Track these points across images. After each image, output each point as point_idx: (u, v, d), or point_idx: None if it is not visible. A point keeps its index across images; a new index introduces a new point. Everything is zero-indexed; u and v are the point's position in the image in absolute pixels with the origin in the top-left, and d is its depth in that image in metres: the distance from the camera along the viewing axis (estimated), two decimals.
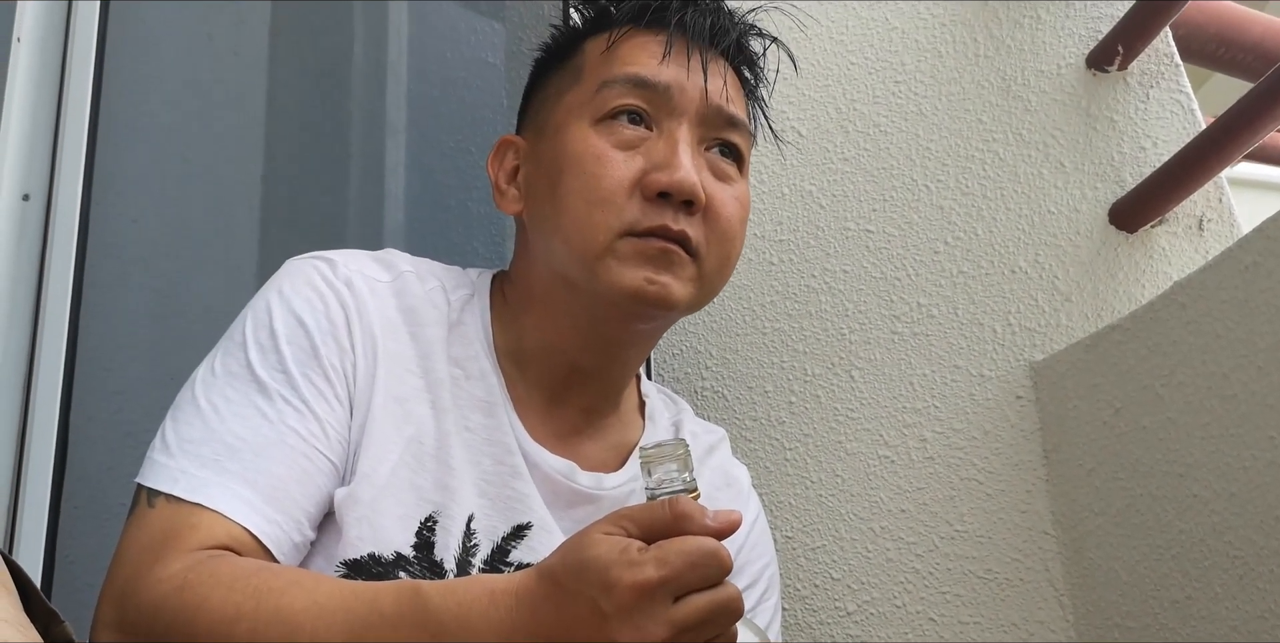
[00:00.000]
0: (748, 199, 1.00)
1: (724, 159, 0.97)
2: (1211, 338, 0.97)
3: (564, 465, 0.94)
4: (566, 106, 0.97)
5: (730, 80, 0.99)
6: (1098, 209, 1.29)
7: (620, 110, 0.94)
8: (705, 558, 0.66)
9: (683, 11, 0.97)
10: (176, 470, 0.81)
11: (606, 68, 0.96)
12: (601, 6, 1.02)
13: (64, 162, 1.45)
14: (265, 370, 0.86)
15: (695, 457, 1.06)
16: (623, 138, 0.93)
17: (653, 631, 0.65)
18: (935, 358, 1.31)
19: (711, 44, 0.98)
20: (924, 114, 1.40)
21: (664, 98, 0.94)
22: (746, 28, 1.04)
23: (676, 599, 0.66)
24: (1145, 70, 1.32)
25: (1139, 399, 1.07)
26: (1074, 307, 1.27)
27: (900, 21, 1.45)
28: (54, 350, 1.37)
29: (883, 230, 1.38)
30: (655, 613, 0.66)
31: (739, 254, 0.99)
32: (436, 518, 0.88)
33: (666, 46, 0.95)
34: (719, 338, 1.42)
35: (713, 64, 0.97)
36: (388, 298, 0.94)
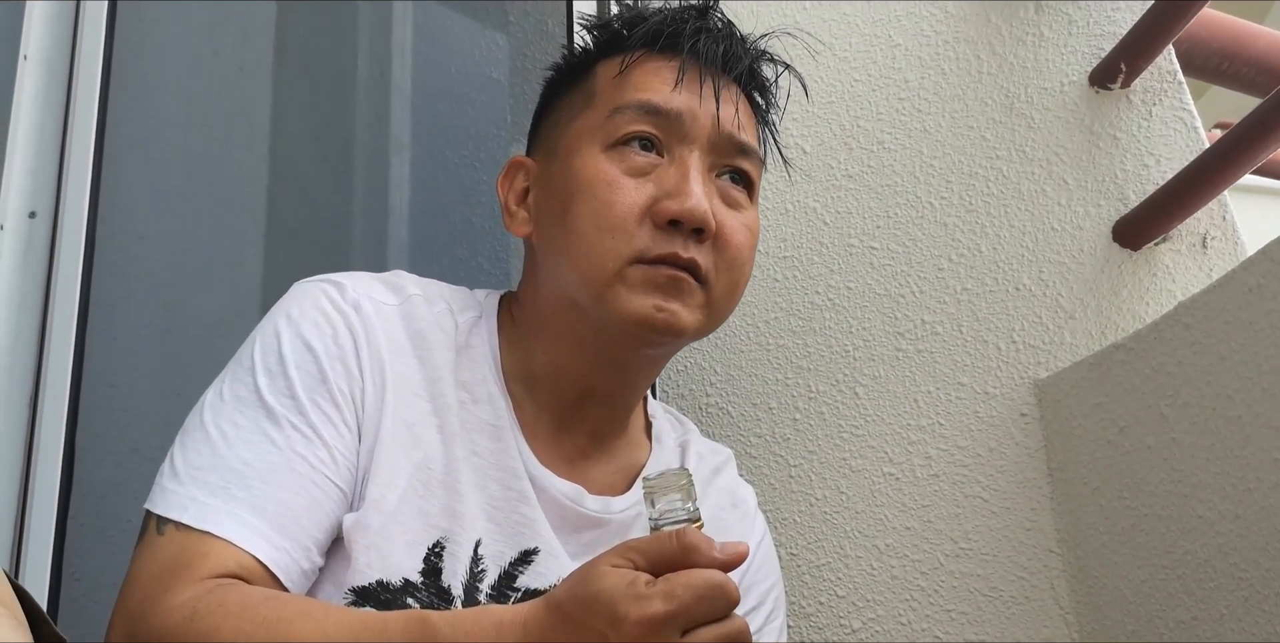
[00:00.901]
0: (757, 226, 1.00)
1: (734, 186, 0.97)
2: (1216, 359, 0.97)
3: (571, 490, 0.94)
4: (578, 131, 0.97)
5: (742, 107, 0.99)
6: (1101, 226, 1.30)
7: (632, 137, 0.94)
8: (712, 591, 0.66)
9: (696, 37, 0.97)
10: (185, 498, 0.82)
11: (619, 93, 0.96)
12: (615, 32, 1.01)
13: (70, 179, 1.46)
14: (273, 396, 0.86)
15: (702, 478, 1.07)
16: (634, 164, 0.93)
17: None
18: (940, 375, 1.31)
19: (724, 70, 0.98)
20: (928, 131, 1.40)
21: (676, 125, 0.94)
22: (759, 54, 1.04)
23: (684, 633, 0.66)
24: (1148, 88, 1.32)
25: (1143, 419, 1.08)
26: (1078, 324, 1.28)
27: (904, 39, 1.45)
28: (60, 367, 1.37)
29: (887, 247, 1.38)
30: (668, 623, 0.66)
31: (748, 280, 0.99)
32: (444, 544, 0.88)
33: (679, 73, 0.95)
34: (724, 354, 1.42)
35: (725, 91, 0.97)
36: (395, 321, 0.94)
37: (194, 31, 1.63)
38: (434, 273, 1.56)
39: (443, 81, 1.67)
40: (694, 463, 1.08)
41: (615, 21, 1.03)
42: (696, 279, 0.91)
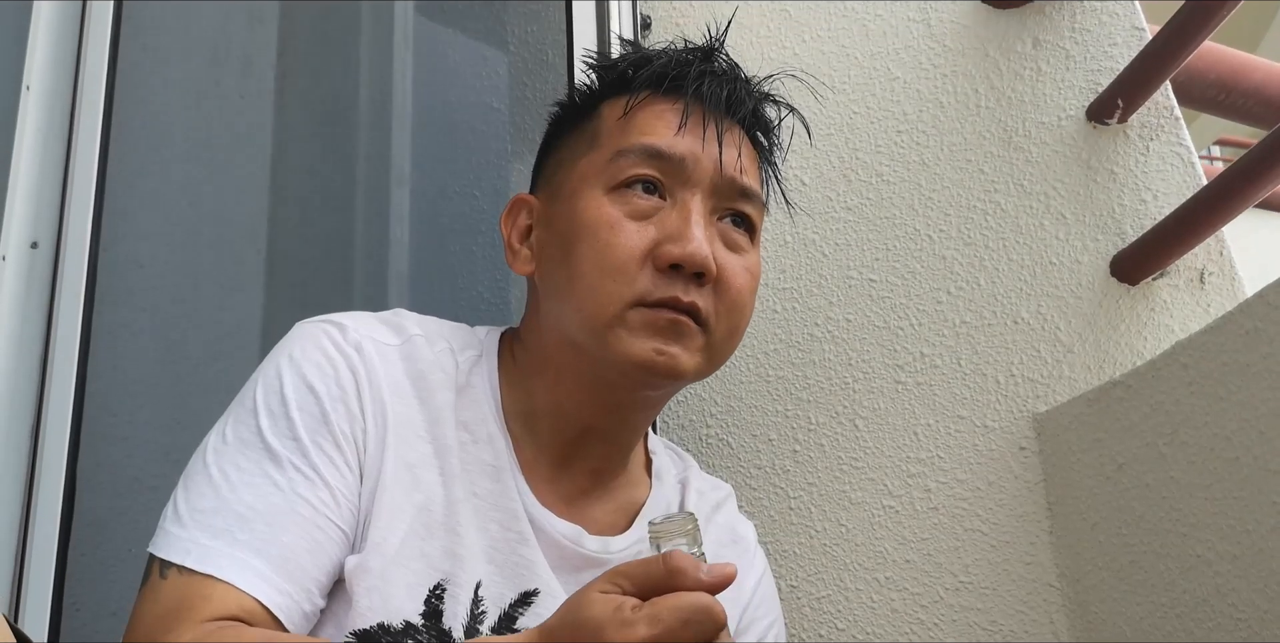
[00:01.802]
0: (758, 269, 1.01)
1: (736, 229, 0.98)
2: (1213, 400, 0.97)
3: (571, 531, 0.95)
4: (581, 172, 0.97)
5: (745, 151, 1.00)
6: (1099, 261, 1.30)
7: (635, 180, 0.94)
8: (698, 614, 0.65)
9: (700, 80, 0.98)
10: (189, 541, 0.82)
11: (623, 136, 0.97)
12: (621, 73, 1.02)
13: (72, 209, 1.46)
14: (276, 438, 0.87)
15: (702, 514, 1.08)
16: (636, 207, 0.94)
17: None
18: (939, 408, 1.32)
19: (728, 113, 0.98)
20: (926, 164, 1.41)
21: (678, 169, 0.95)
22: (763, 97, 1.05)
23: None
24: (1145, 123, 1.33)
25: (1142, 456, 1.08)
26: (1076, 358, 1.28)
27: (902, 72, 1.46)
28: (62, 396, 1.38)
29: (885, 280, 1.39)
30: None
31: (748, 323, 1.00)
32: (445, 586, 0.88)
33: (683, 117, 0.96)
34: (723, 386, 1.42)
35: (728, 134, 0.98)
36: (396, 362, 0.95)
37: (196, 61, 1.64)
38: (434, 303, 1.58)
39: (443, 111, 1.68)
40: (694, 499, 1.08)
41: (621, 62, 1.03)
42: (697, 322, 0.92)
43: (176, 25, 1.65)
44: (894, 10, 1.49)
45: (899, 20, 1.49)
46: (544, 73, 1.66)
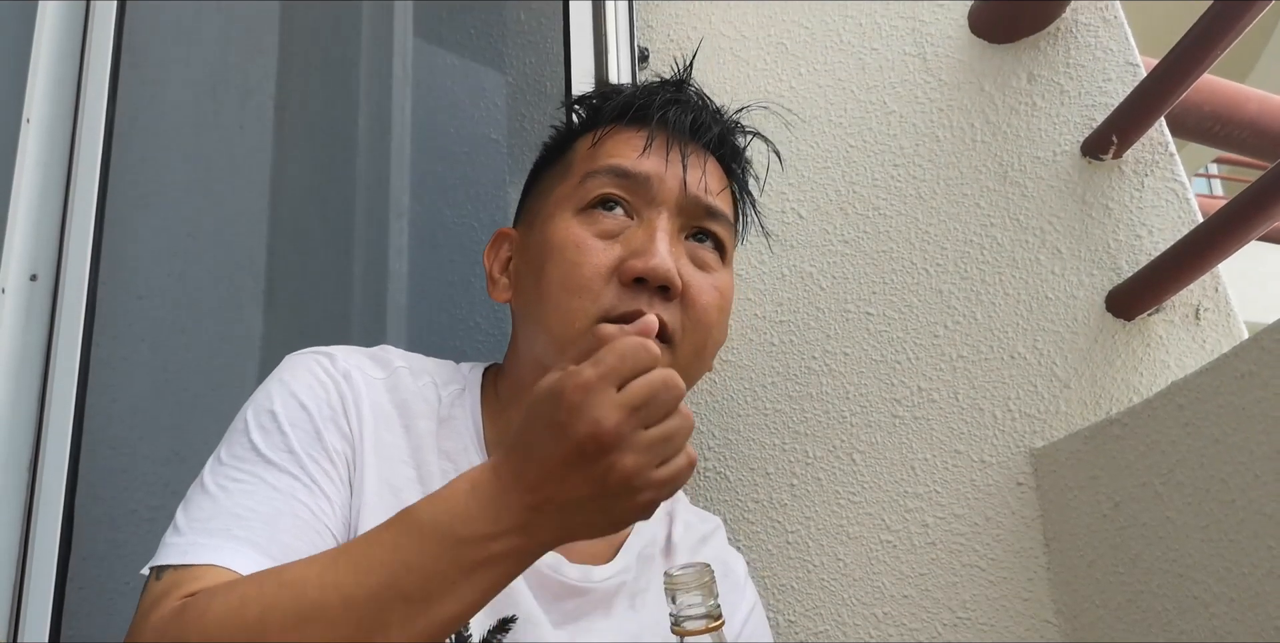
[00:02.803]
0: (728, 288, 1.02)
1: (703, 246, 1.00)
2: (1209, 441, 0.98)
3: (550, 557, 0.95)
4: (555, 199, 1.00)
5: (711, 172, 1.02)
6: (1094, 296, 1.31)
7: (601, 199, 0.97)
8: (632, 350, 0.71)
9: (666, 108, 1.01)
10: (185, 545, 0.81)
11: (591, 160, 1.00)
12: (593, 107, 1.06)
13: (72, 242, 1.47)
14: (271, 451, 0.88)
15: (688, 546, 1.09)
16: (604, 227, 0.96)
17: (607, 415, 0.69)
18: (936, 443, 1.32)
19: (693, 137, 1.01)
20: (922, 197, 1.41)
21: (644, 187, 0.97)
22: (730, 124, 1.08)
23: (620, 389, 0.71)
24: (1140, 159, 1.34)
25: (1138, 495, 1.08)
26: (1072, 393, 1.29)
27: (898, 106, 1.47)
28: (60, 428, 1.38)
29: (882, 313, 1.39)
30: (603, 402, 0.69)
31: (719, 342, 1.01)
32: None
33: (648, 139, 0.99)
34: (721, 418, 1.43)
35: (694, 156, 1.00)
36: (382, 392, 0.96)
37: (195, 91, 1.65)
38: (432, 333, 1.58)
39: (441, 141, 1.69)
40: (680, 530, 1.09)
41: (592, 96, 1.07)
42: (662, 339, 0.93)
43: (176, 56, 1.66)
44: (890, 44, 1.50)
45: (895, 54, 1.49)
46: (542, 104, 1.67)
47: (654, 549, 1.06)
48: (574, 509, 0.72)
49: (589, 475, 0.70)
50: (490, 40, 1.74)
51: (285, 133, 1.66)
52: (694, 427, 0.74)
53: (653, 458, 0.71)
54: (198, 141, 1.63)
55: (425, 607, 0.71)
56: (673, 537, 1.08)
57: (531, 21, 1.71)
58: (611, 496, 0.71)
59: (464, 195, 1.66)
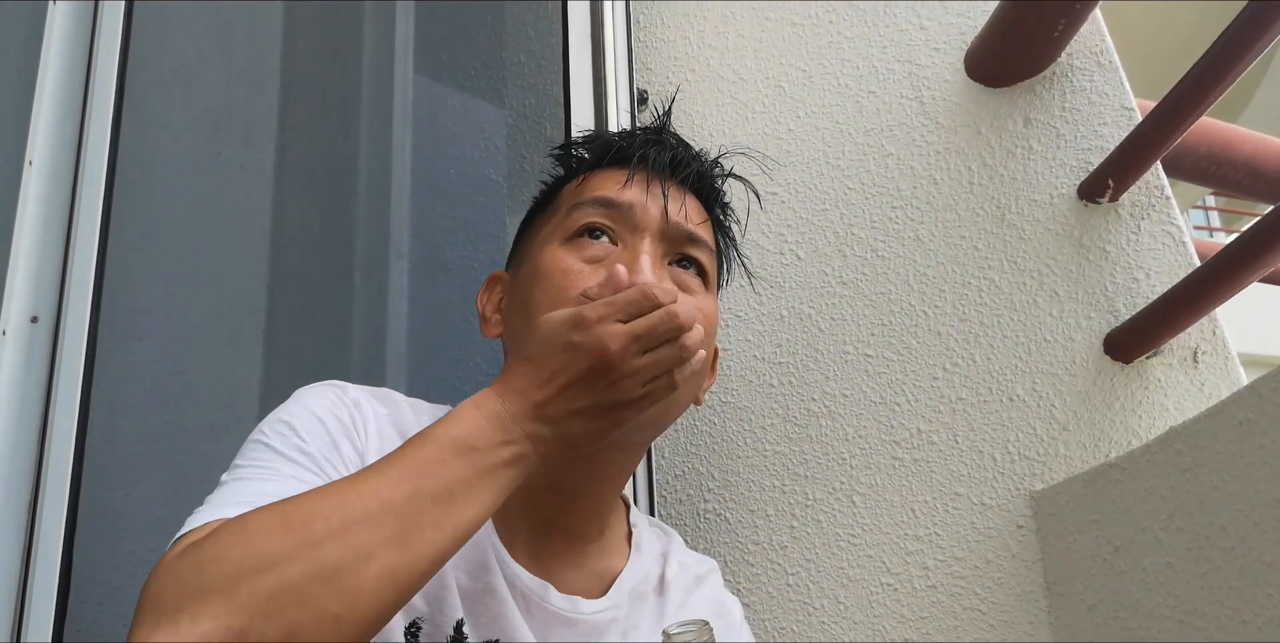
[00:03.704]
0: (712, 311, 1.04)
1: (687, 273, 1.02)
2: (1208, 488, 0.98)
3: (537, 584, 0.96)
4: (543, 235, 1.03)
5: (691, 205, 1.05)
6: (1092, 339, 1.31)
7: (587, 227, 1.00)
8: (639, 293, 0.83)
9: (646, 147, 1.06)
10: (203, 517, 0.79)
11: (577, 195, 1.04)
12: (577, 152, 1.11)
13: (73, 283, 1.47)
14: (289, 450, 0.87)
15: (682, 586, 1.09)
16: (590, 253, 0.99)
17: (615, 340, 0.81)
18: (936, 485, 1.32)
19: (672, 174, 1.05)
20: (920, 240, 1.42)
21: (627, 215, 1.00)
22: (708, 164, 1.11)
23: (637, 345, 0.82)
24: (1136, 202, 1.35)
25: (1138, 540, 1.08)
26: (1072, 436, 1.29)
27: (896, 148, 1.48)
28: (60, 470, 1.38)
29: (881, 355, 1.40)
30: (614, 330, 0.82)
31: (704, 370, 1.02)
32: (421, 625, 0.90)
33: (630, 174, 1.03)
34: (721, 460, 1.43)
35: (674, 190, 1.04)
36: (386, 424, 0.97)
37: (197, 132, 1.66)
38: (432, 375, 1.58)
39: (441, 182, 1.70)
40: (675, 570, 1.10)
41: (577, 144, 1.11)
42: None
43: (178, 97, 1.67)
44: (887, 88, 1.51)
45: (892, 97, 1.51)
46: (542, 145, 1.68)
47: (646, 587, 1.06)
48: (574, 418, 0.83)
49: (592, 389, 0.82)
50: (490, 82, 1.75)
51: (286, 174, 1.67)
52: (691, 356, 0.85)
53: (644, 379, 0.83)
54: (199, 183, 1.64)
55: (451, 508, 0.77)
56: (666, 575, 1.08)
57: (531, 63, 1.72)
58: (606, 407, 0.83)
59: (464, 236, 1.67)
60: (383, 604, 0.73)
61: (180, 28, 1.71)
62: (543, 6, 1.69)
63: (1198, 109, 1.20)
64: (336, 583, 0.71)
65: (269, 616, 0.68)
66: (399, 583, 0.74)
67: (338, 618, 0.70)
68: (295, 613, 0.69)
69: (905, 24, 1.54)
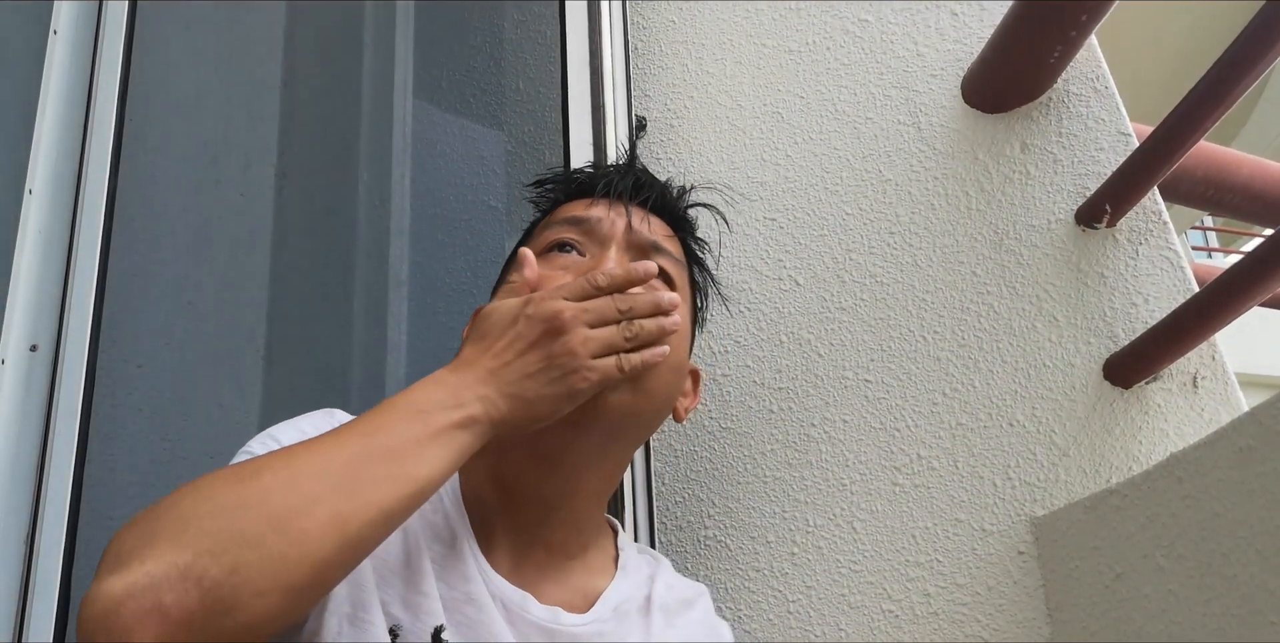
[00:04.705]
0: (681, 319, 1.05)
1: (655, 280, 1.03)
2: (1210, 516, 0.98)
3: (518, 595, 0.97)
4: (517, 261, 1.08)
5: (655, 222, 1.10)
6: (1092, 364, 1.31)
7: (557, 243, 1.06)
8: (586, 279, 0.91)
9: (609, 176, 1.12)
10: None
11: (547, 221, 1.11)
12: (551, 191, 1.17)
13: (72, 312, 1.47)
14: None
15: (669, 607, 1.09)
16: (559, 263, 1.04)
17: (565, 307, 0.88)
18: (937, 511, 1.32)
19: (634, 196, 1.10)
20: (919, 265, 1.42)
21: (594, 228, 1.06)
22: (671, 190, 1.16)
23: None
24: (1133, 227, 1.35)
25: (1140, 567, 1.08)
26: (1072, 461, 1.29)
27: (893, 174, 1.48)
28: (58, 499, 1.38)
29: (881, 380, 1.40)
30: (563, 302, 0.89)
31: (676, 365, 1.04)
32: (398, 633, 0.90)
33: (595, 194, 1.10)
34: (721, 486, 1.42)
35: (637, 209, 1.09)
36: None
37: (197, 159, 1.66)
38: None
39: (441, 209, 1.70)
40: (662, 590, 1.10)
41: (549, 182, 1.18)
42: None
43: (178, 124, 1.68)
44: (884, 114, 1.52)
45: (889, 123, 1.51)
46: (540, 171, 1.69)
47: (631, 606, 1.06)
48: (526, 383, 0.87)
49: (543, 352, 0.87)
50: (490, 109, 1.76)
51: (285, 202, 1.67)
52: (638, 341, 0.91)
53: (593, 349, 0.88)
54: (199, 210, 1.64)
55: (399, 464, 0.80)
56: (653, 595, 1.09)
57: (530, 90, 1.73)
58: (557, 370, 0.87)
59: (463, 263, 1.67)
60: (331, 549, 0.75)
61: (180, 56, 1.72)
62: (541, 34, 1.70)
63: (1194, 135, 1.21)
64: (284, 525, 0.73)
65: (214, 553, 0.70)
66: (347, 530, 0.76)
67: (284, 557, 0.73)
68: (241, 551, 0.71)
69: (902, 51, 1.55)
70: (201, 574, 0.69)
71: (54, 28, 1.64)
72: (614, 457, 1.05)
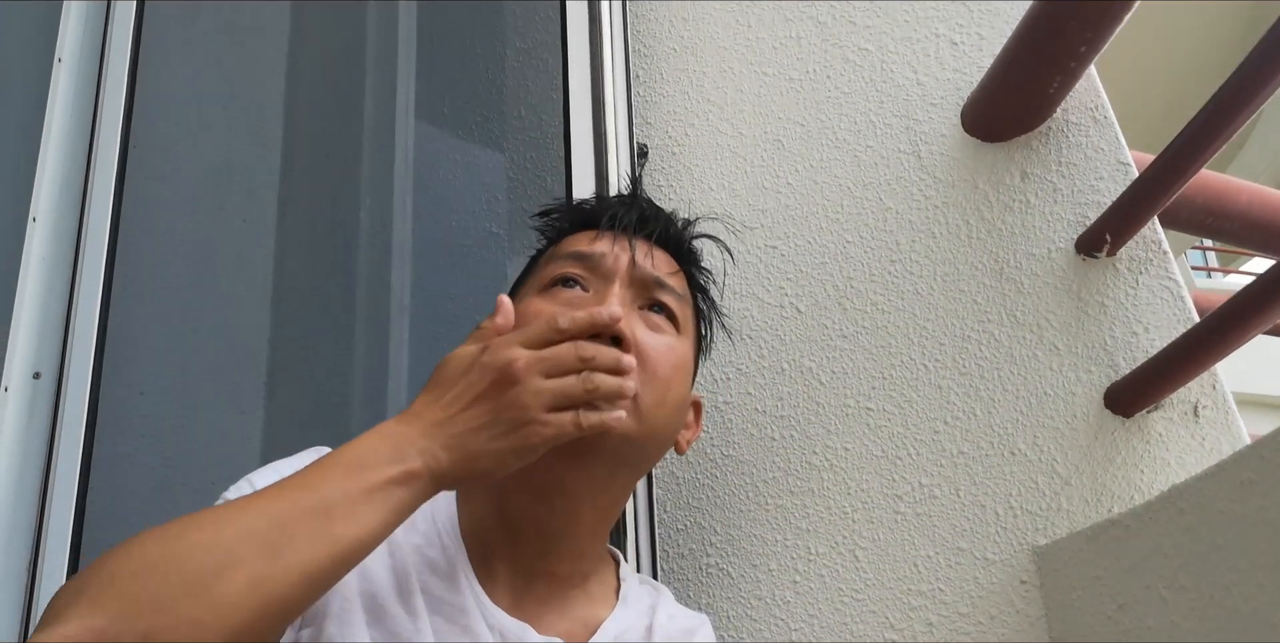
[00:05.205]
0: (684, 354, 1.07)
1: (658, 316, 1.06)
2: (1211, 548, 0.98)
3: (516, 626, 0.97)
4: (523, 291, 1.10)
5: (660, 257, 1.10)
6: (1093, 393, 1.32)
7: (561, 277, 1.05)
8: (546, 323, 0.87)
9: (614, 209, 1.11)
10: None
11: (552, 254, 1.10)
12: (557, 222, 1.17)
13: (76, 339, 1.47)
14: None
15: (670, 636, 1.08)
16: (562, 299, 1.03)
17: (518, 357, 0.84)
18: (939, 540, 1.32)
19: (639, 230, 1.10)
20: (920, 293, 1.43)
21: (598, 264, 1.05)
22: (678, 223, 1.16)
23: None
24: (1133, 257, 1.36)
25: (1142, 598, 1.08)
26: (1074, 491, 1.29)
27: (894, 202, 1.49)
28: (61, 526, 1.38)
29: (882, 408, 1.40)
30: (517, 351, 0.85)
31: (679, 400, 1.05)
32: None
33: (600, 229, 1.09)
34: (723, 514, 1.43)
35: (641, 242, 1.09)
36: None
37: (200, 185, 1.67)
38: None
39: (442, 235, 1.71)
40: (663, 620, 1.10)
41: (554, 212, 1.18)
42: None
43: (182, 149, 1.69)
44: (885, 142, 1.53)
45: (890, 152, 1.52)
46: (543, 199, 1.69)
47: (632, 636, 1.06)
48: (470, 437, 0.83)
49: (491, 405, 0.83)
50: (492, 136, 1.77)
51: (288, 227, 1.68)
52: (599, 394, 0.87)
53: (546, 401, 0.84)
54: (202, 237, 1.65)
55: (328, 522, 0.77)
56: (654, 625, 1.09)
57: (532, 117, 1.74)
58: (505, 424, 0.83)
59: (465, 289, 1.67)
60: (249, 614, 0.73)
61: (183, 83, 1.73)
62: (543, 62, 1.71)
63: (1194, 165, 1.21)
64: (200, 589, 0.72)
65: (129, 618, 0.70)
66: (266, 594, 0.74)
67: (198, 623, 0.71)
68: (154, 617, 0.70)
69: (902, 80, 1.56)
70: (115, 640, 0.69)
71: (58, 55, 1.65)
72: (616, 490, 1.06)
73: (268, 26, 1.80)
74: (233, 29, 1.79)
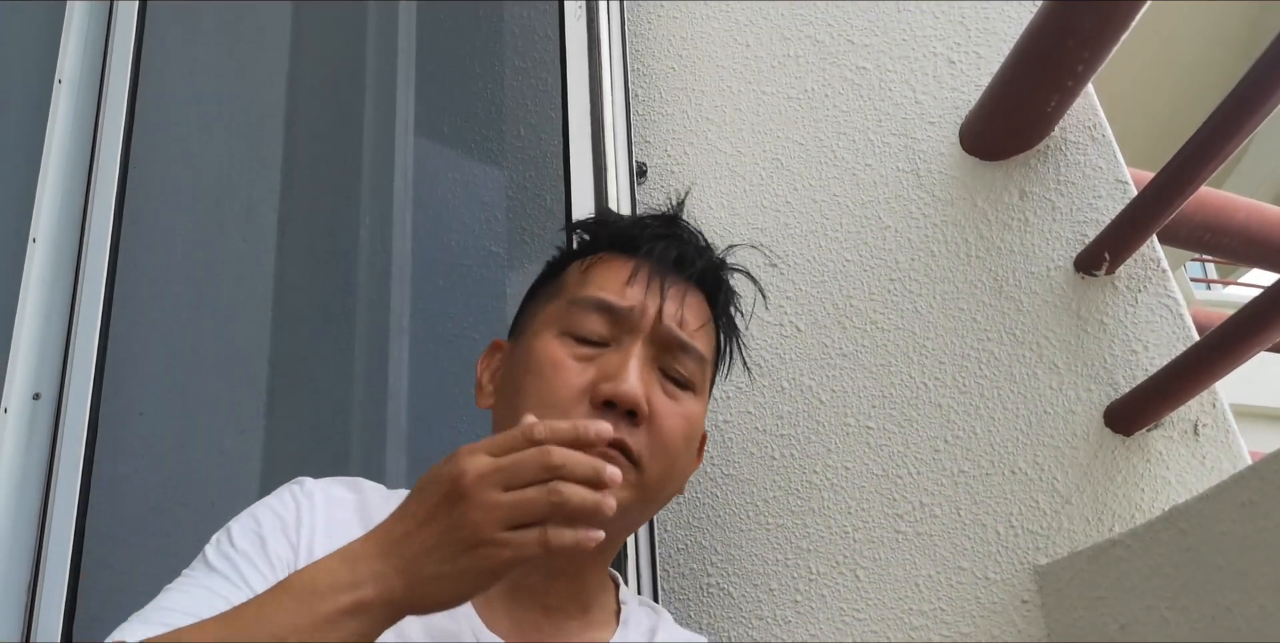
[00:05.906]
0: (697, 417, 1.05)
1: (675, 379, 1.04)
2: (1213, 569, 0.98)
3: None
4: (544, 317, 1.06)
5: (691, 307, 1.06)
6: (1093, 411, 1.32)
7: (582, 336, 1.02)
8: (521, 430, 0.75)
9: (655, 241, 1.07)
10: (121, 633, 0.83)
11: (580, 287, 1.05)
12: (589, 233, 1.13)
13: (76, 360, 1.47)
14: (216, 559, 0.91)
15: None
16: (580, 352, 1.00)
17: (471, 468, 0.74)
18: (940, 559, 1.32)
19: (676, 271, 1.06)
20: (919, 312, 1.43)
21: (625, 318, 1.02)
22: (716, 261, 1.12)
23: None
24: (1132, 275, 1.36)
25: (1144, 619, 1.08)
26: (1074, 509, 1.29)
27: (893, 221, 1.49)
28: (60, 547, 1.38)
29: (882, 427, 1.40)
30: (473, 459, 0.75)
31: (687, 468, 1.05)
32: None
33: (633, 271, 1.04)
34: (724, 533, 1.42)
35: (674, 289, 1.05)
36: (349, 511, 0.99)
37: (200, 204, 1.67)
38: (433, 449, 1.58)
39: (441, 254, 1.71)
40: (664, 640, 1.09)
41: (590, 223, 1.14)
42: (629, 458, 0.96)
43: (181, 169, 1.69)
44: (883, 161, 1.53)
45: (889, 170, 1.52)
46: (542, 218, 1.70)
47: None
48: (422, 559, 0.75)
49: (441, 524, 0.74)
50: (491, 155, 1.77)
51: (287, 247, 1.68)
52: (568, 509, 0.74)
53: (501, 518, 0.73)
54: (201, 256, 1.65)
55: None
56: None
57: (531, 137, 1.74)
58: (455, 545, 0.74)
59: (464, 308, 1.67)
60: None
61: (183, 102, 1.73)
62: (543, 81, 1.72)
63: (1192, 184, 1.21)
64: None
65: None
66: None
67: None
68: None
69: (901, 98, 1.57)
70: None
71: (59, 77, 1.65)
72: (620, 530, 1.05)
73: (267, 47, 1.81)
74: (233, 51, 1.80)
